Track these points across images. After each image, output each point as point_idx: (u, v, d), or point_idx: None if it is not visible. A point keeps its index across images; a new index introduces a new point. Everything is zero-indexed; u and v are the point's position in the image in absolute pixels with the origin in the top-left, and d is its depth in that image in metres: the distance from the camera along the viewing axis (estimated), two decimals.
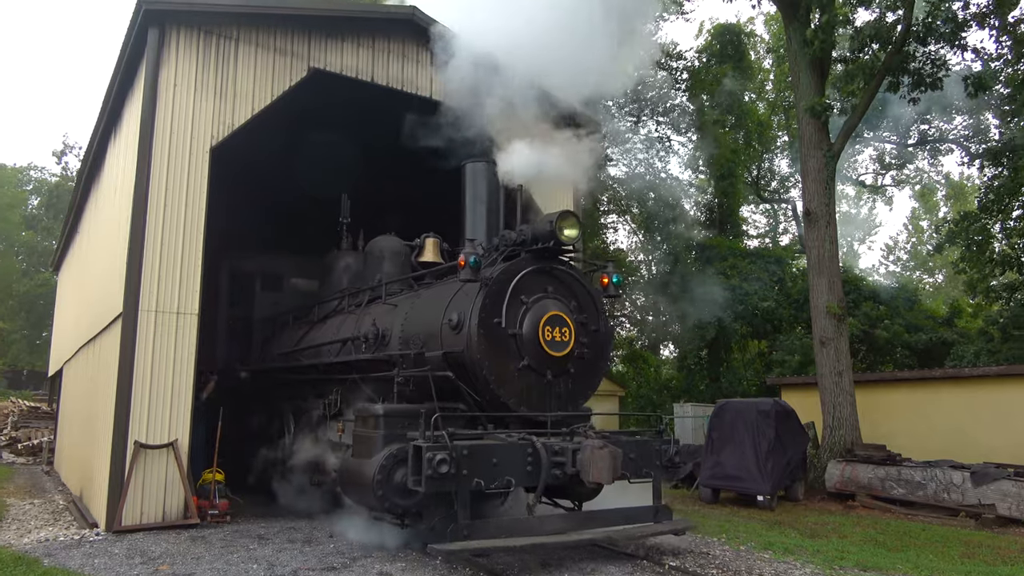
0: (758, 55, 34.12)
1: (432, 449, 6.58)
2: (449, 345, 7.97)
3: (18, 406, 25.88)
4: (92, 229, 14.45)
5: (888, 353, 20.81)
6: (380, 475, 7.22)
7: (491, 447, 7.11)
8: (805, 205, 15.71)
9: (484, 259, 8.21)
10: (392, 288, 10.15)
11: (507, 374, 7.82)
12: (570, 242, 8.08)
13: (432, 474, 6.51)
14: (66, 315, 19.05)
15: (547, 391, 8.04)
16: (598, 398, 21.24)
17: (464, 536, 6.62)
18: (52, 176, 51.52)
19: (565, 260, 8.55)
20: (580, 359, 8.28)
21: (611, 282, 8.63)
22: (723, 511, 11.93)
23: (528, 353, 7.89)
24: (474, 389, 7.90)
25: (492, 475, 6.93)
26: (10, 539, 8.30)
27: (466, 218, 9.08)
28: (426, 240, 10.20)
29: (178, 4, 9.74)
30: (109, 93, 11.18)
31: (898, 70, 14.34)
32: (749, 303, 22.59)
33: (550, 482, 7.16)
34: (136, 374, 9.04)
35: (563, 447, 7.27)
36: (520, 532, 6.99)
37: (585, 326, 8.40)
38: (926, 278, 48.52)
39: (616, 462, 7.00)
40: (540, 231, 8.06)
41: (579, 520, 7.71)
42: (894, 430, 14.87)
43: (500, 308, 7.74)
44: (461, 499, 6.76)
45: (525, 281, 8.00)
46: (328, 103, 12.36)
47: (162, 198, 9.46)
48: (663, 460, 8.10)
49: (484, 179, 9.06)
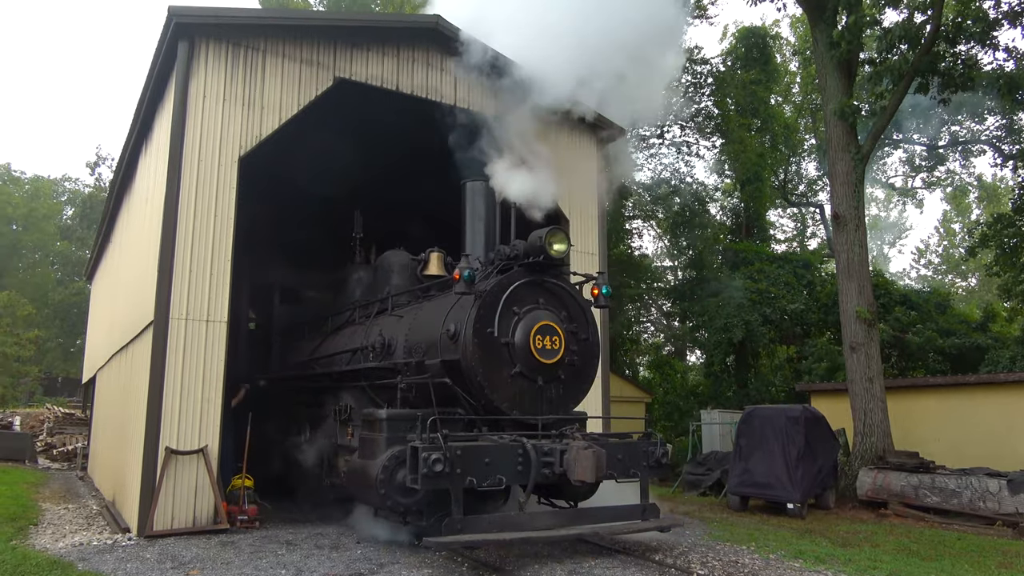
0: (784, 58, 33.84)
1: (428, 449, 7.12)
2: (447, 353, 8.49)
3: (53, 412, 26.39)
4: (124, 239, 14.72)
5: (920, 358, 20.44)
6: (383, 475, 7.73)
7: (483, 448, 7.63)
8: (834, 209, 15.53)
9: (481, 272, 8.80)
10: (400, 300, 10.70)
11: (500, 380, 8.33)
12: (559, 256, 8.58)
13: (428, 472, 7.04)
14: (99, 323, 19.41)
15: (538, 396, 8.54)
16: (624, 404, 21.23)
17: (458, 530, 7.12)
18: (86, 187, 52.62)
19: (559, 273, 9.00)
20: (571, 366, 8.78)
21: (601, 293, 9.16)
22: (752, 519, 11.79)
23: (520, 360, 8.39)
24: (470, 394, 8.39)
25: (484, 473, 7.45)
26: (46, 543, 8.45)
27: (466, 233, 9.57)
28: (430, 254, 10.73)
29: (207, 18, 9.90)
30: (140, 105, 11.39)
31: (927, 71, 14.13)
32: (777, 306, 22.33)
33: (540, 481, 7.70)
34: (167, 381, 9.17)
35: (552, 448, 7.80)
36: (510, 528, 7.46)
37: (575, 335, 8.88)
38: (959, 282, 47.67)
39: (600, 462, 7.51)
40: (532, 246, 8.55)
41: (569, 517, 8.13)
42: (927, 437, 14.60)
43: (493, 319, 8.25)
44: (455, 496, 7.26)
45: (517, 293, 8.51)
46: (350, 115, 12.47)
47: (192, 207, 9.60)
48: (650, 461, 8.56)
49: (482, 197, 9.56)
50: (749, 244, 27.82)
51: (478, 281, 8.57)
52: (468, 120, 10.82)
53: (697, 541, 9.35)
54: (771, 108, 30.48)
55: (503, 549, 8.22)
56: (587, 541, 8.76)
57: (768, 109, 29.86)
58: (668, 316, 33.71)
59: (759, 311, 22.15)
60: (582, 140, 13.30)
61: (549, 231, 8.48)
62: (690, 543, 9.15)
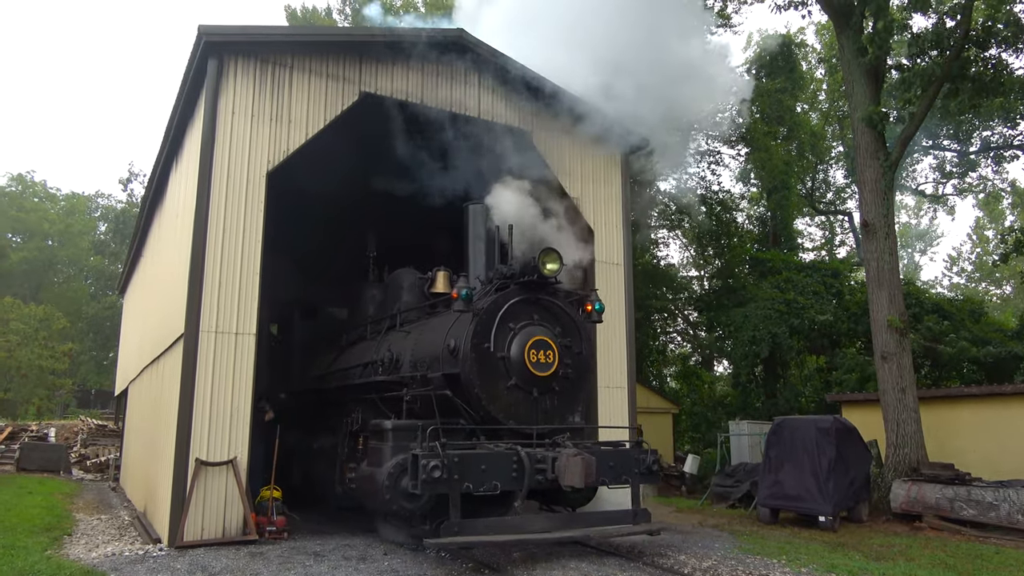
0: (810, 65, 33.55)
1: (427, 457, 7.65)
2: (448, 367, 8.99)
3: (87, 424, 26.84)
4: (155, 253, 14.98)
5: (954, 368, 20.03)
6: (388, 481, 8.18)
7: (479, 455, 8.09)
8: (863, 216, 15.33)
9: (481, 290, 9.30)
10: (409, 316, 11.21)
11: (497, 392, 8.83)
12: (552, 275, 9.09)
13: (427, 478, 7.57)
14: (131, 336, 19.74)
15: (533, 407, 9.02)
16: (650, 415, 21.06)
17: (455, 532, 7.61)
18: (118, 203, 53.68)
19: (552, 291, 9.43)
20: (565, 378, 9.26)
21: (594, 309, 9.73)
22: (783, 532, 11.61)
23: (515, 373, 8.88)
24: (469, 406, 8.86)
25: (480, 479, 7.93)
26: (79, 553, 8.58)
27: (468, 254, 10.02)
28: (437, 273, 11.21)
29: (236, 35, 10.09)
30: (171, 122, 11.61)
31: (957, 76, 13.93)
32: (806, 317, 22.05)
33: (533, 486, 8.16)
34: (197, 393, 9.28)
35: (545, 456, 8.29)
36: (506, 530, 7.92)
37: (569, 349, 9.36)
38: (993, 289, 46.71)
39: (588, 468, 7.99)
40: (526, 265, 9.08)
41: (562, 521, 8.55)
42: (962, 448, 14.28)
43: (489, 334, 8.74)
44: (453, 500, 7.75)
45: (513, 310, 9.01)
46: (373, 129, 12.55)
47: (221, 222, 9.75)
48: (641, 468, 9.01)
49: (482, 219, 10.01)
50: (776, 253, 27.54)
51: (478, 299, 9.06)
52: (488, 132, 10.96)
53: (727, 554, 9.24)
54: (797, 116, 30.21)
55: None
56: (618, 553, 8.70)
57: (794, 117, 29.60)
58: (695, 326, 33.45)
59: (786, 322, 21.87)
60: (607, 150, 13.29)
61: (542, 251, 9.00)
62: (720, 556, 9.04)
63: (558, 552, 8.79)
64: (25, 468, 19.01)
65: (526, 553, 8.59)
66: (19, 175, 56.63)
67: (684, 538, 10.59)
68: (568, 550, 8.96)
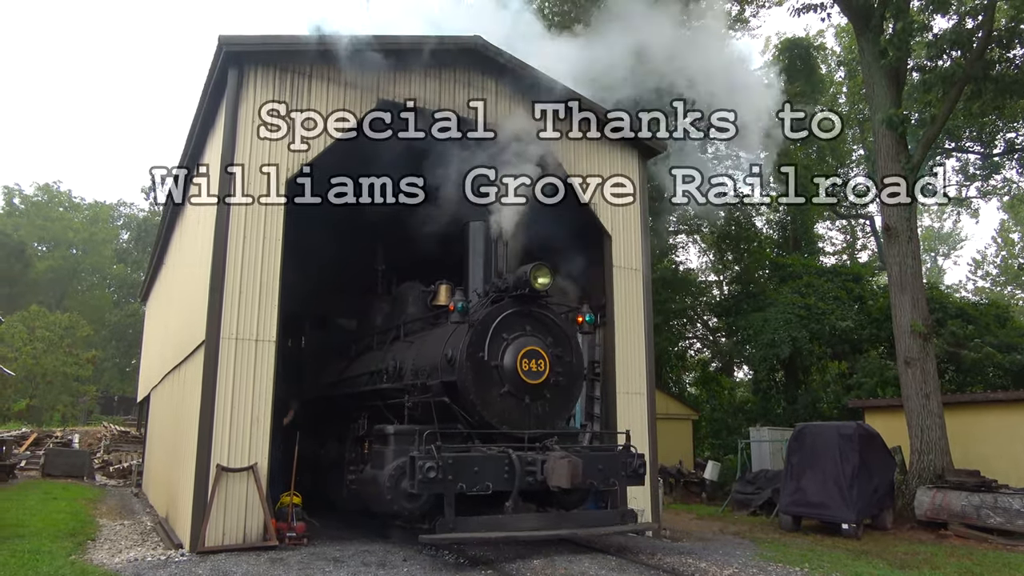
0: (829, 68, 33.28)
1: (423, 459, 8.16)
2: (446, 375, 9.49)
3: (110, 431, 27.19)
4: (177, 261, 15.13)
5: (979, 373, 19.73)
6: (390, 483, 8.76)
7: (473, 457, 8.60)
8: (884, 220, 15.17)
9: (478, 303, 9.86)
10: (413, 327, 11.73)
11: (491, 399, 9.33)
12: (543, 288, 9.56)
13: (423, 478, 8.08)
14: (153, 343, 19.95)
15: (525, 412, 9.50)
16: (670, 421, 20.93)
17: (449, 529, 8.07)
18: (140, 211, 54.40)
19: (544, 303, 9.93)
20: (556, 386, 9.71)
21: (585, 320, 10.44)
22: (805, 540, 11.48)
23: (508, 381, 9.35)
24: (465, 411, 9.38)
25: (474, 480, 8.42)
26: (103, 559, 8.67)
27: (468, 268, 10.53)
28: (440, 286, 11.55)
29: (255, 45, 10.18)
30: (192, 130, 11.74)
31: (980, 77, 13.75)
32: (827, 322, 21.82)
33: (524, 487, 8.65)
34: (218, 399, 9.34)
35: (535, 458, 8.80)
36: (497, 528, 8.36)
37: (560, 358, 9.80)
38: (1018, 293, 45.96)
39: (575, 470, 8.46)
40: (519, 280, 9.54)
41: (552, 520, 8.94)
42: (988, 454, 14.05)
43: (483, 344, 9.28)
44: (447, 499, 8.21)
45: (506, 321, 9.52)
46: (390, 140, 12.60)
47: (241, 229, 9.82)
48: (628, 471, 9.46)
49: (482, 235, 10.53)
50: (797, 258, 27.30)
51: (475, 311, 9.67)
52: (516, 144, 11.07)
53: (748, 562, 9.14)
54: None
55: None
56: (637, 560, 8.64)
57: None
58: (714, 332, 33.22)
59: (807, 327, 21.65)
60: (624, 155, 13.26)
61: (533, 266, 9.45)
62: (740, 563, 8.95)
63: (577, 560, 8.74)
64: (50, 473, 19.27)
65: (546, 560, 8.57)
66: (45, 185, 57.68)
67: (704, 545, 10.51)
68: (588, 558, 8.92)
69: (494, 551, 8.98)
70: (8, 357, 32.58)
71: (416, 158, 12.01)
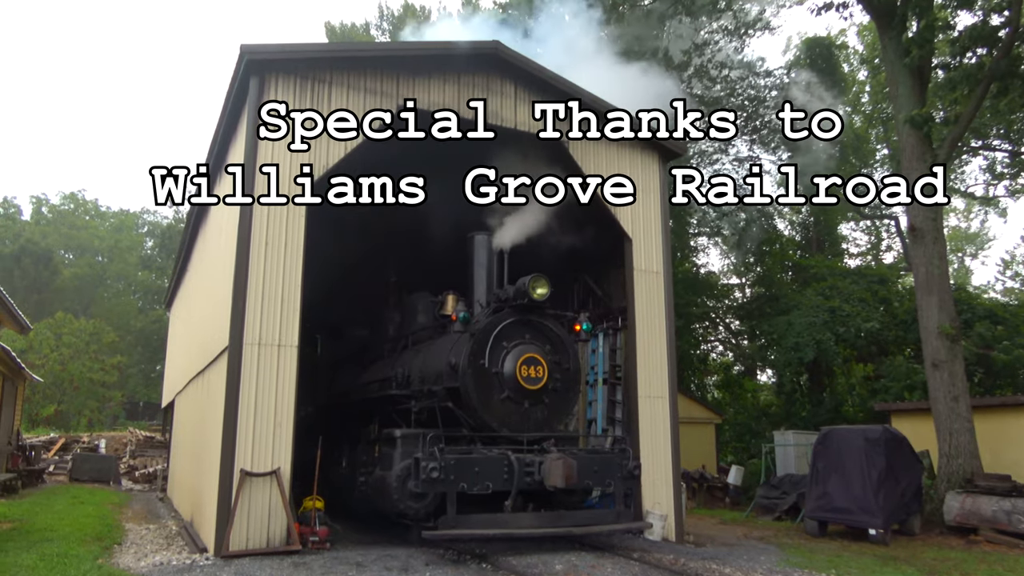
0: (852, 67, 32.93)
1: (426, 460, 8.72)
2: (450, 381, 10.04)
3: (135, 436, 27.52)
4: (200, 268, 15.28)
5: (1008, 375, 19.37)
6: (397, 483, 9.23)
7: (474, 459, 9.11)
8: (910, 221, 14.96)
9: (482, 313, 10.39)
10: (421, 336, 12.26)
11: (492, 403, 9.88)
12: (541, 299, 10.03)
13: (426, 478, 8.65)
14: (177, 349, 20.15)
15: (525, 416, 10.05)
16: (692, 425, 20.77)
17: (451, 526, 8.60)
18: (164, 219, 55.11)
19: (543, 313, 10.42)
20: (554, 391, 10.25)
21: (582, 329, 10.77)
22: (832, 545, 11.32)
23: (508, 387, 9.91)
24: (468, 415, 9.91)
25: (474, 480, 8.95)
26: (129, 563, 8.75)
27: (472, 279, 11.00)
28: (447, 296, 11.89)
29: (277, 53, 10.27)
30: (215, 138, 11.86)
31: (1007, 74, 13.52)
32: (852, 324, 21.53)
33: (523, 487, 9.12)
34: (241, 404, 9.39)
35: (533, 460, 9.32)
36: (497, 525, 8.90)
37: (558, 364, 10.34)
38: None
39: (569, 471, 8.99)
40: (518, 291, 10.03)
41: (550, 519, 9.42)
42: (1019, 459, 13.78)
43: (484, 352, 9.84)
44: (449, 498, 8.74)
45: (506, 330, 10.08)
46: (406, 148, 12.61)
47: (264, 236, 9.89)
48: (623, 472, 9.88)
49: (485, 248, 11.02)
50: (820, 259, 27.01)
51: (477, 320, 10.20)
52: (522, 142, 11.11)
53: (773, 567, 9.03)
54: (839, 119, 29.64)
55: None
56: (660, 565, 8.57)
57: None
58: (736, 335, 32.94)
59: (831, 329, 21.38)
60: (645, 158, 13.19)
61: (531, 278, 9.90)
62: (765, 569, 8.85)
63: (600, 565, 8.70)
64: (77, 478, 19.54)
65: (568, 566, 8.52)
66: (71, 194, 58.64)
67: (729, 551, 10.40)
68: (610, 563, 8.86)
69: (515, 558, 8.95)
70: (36, 363, 33.08)
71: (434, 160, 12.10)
